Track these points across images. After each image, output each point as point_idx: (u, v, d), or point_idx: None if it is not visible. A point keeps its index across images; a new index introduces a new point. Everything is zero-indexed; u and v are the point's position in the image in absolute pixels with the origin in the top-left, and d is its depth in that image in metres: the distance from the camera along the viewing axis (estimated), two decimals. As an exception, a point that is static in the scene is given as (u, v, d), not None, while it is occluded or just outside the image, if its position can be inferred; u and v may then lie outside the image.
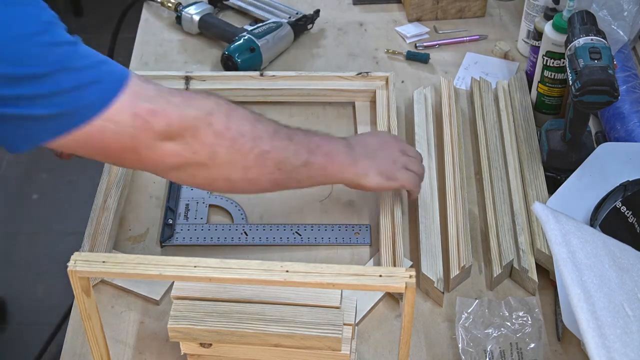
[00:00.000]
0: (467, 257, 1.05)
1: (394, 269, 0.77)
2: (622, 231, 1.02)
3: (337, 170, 1.01)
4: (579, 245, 0.84)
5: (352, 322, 0.91)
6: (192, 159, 0.89)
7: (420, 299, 1.04)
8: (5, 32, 0.76)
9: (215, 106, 0.90)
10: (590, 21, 1.10)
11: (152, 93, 0.85)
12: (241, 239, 1.11)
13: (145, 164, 0.89)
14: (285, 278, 0.77)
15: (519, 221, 1.09)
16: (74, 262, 0.78)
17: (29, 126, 0.80)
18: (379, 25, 1.53)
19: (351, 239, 1.12)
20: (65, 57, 0.80)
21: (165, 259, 0.79)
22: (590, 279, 0.80)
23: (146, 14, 1.56)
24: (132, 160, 0.88)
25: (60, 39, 0.80)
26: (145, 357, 0.98)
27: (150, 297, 1.03)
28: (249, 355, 0.91)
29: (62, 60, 0.79)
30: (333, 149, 1.01)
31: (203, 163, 0.90)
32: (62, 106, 0.79)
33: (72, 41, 0.81)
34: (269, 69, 1.42)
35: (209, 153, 0.89)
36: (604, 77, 1.02)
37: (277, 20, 1.46)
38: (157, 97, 0.86)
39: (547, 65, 1.22)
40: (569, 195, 1.09)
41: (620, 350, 0.75)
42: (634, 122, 1.19)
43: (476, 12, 1.54)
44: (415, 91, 1.31)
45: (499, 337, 0.95)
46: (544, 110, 1.27)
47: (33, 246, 2.25)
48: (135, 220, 1.15)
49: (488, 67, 1.41)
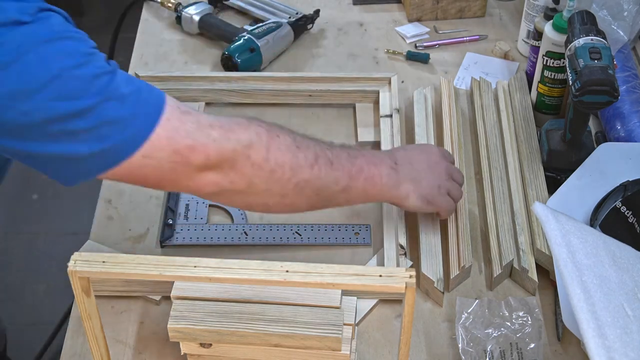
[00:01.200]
0: (467, 257, 1.05)
1: (394, 269, 0.77)
2: (622, 231, 1.02)
3: (378, 193, 1.01)
4: (579, 245, 0.84)
5: (352, 322, 0.91)
6: (230, 187, 0.89)
7: (420, 299, 1.04)
8: (46, 71, 0.75)
9: (255, 137, 0.89)
10: (590, 21, 1.10)
11: (190, 127, 0.85)
12: (241, 239, 1.11)
13: (184, 191, 0.90)
14: (285, 278, 0.77)
15: (519, 221, 1.09)
16: (74, 262, 0.78)
17: (74, 165, 0.81)
18: (379, 25, 1.53)
19: (351, 239, 1.12)
20: (105, 89, 0.79)
21: (165, 259, 0.79)
22: (590, 279, 0.80)
23: (146, 14, 1.56)
24: (171, 187, 0.89)
25: (100, 70, 0.79)
26: (145, 357, 0.98)
27: (150, 297, 1.03)
28: (249, 355, 0.91)
29: (103, 91, 0.79)
30: (376, 172, 0.99)
31: (240, 191, 0.90)
32: (105, 142, 0.80)
33: (111, 70, 0.81)
34: (269, 69, 1.42)
35: (246, 183, 0.90)
36: (604, 77, 1.02)
37: (277, 20, 1.46)
38: (196, 131, 0.85)
39: (547, 65, 1.22)
40: (569, 195, 1.09)
41: (620, 350, 0.75)
42: (634, 122, 1.19)
43: (476, 12, 1.54)
44: (415, 91, 1.31)
45: (499, 337, 0.95)
46: (544, 110, 1.27)
47: (33, 246, 2.25)
48: (135, 220, 1.15)
49: (488, 67, 1.41)
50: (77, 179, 0.84)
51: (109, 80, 0.80)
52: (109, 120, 0.79)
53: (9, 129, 0.77)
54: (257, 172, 0.89)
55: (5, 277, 2.15)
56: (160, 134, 0.82)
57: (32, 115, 0.76)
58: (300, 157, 0.92)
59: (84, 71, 0.78)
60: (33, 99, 0.75)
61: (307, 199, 0.95)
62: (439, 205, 1.05)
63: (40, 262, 2.20)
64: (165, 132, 0.82)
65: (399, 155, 1.05)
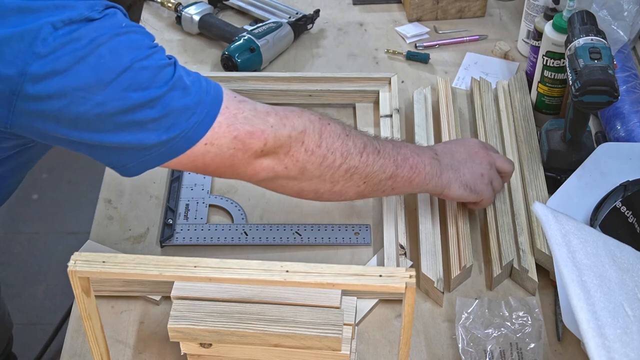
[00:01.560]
0: (467, 257, 1.05)
1: (394, 269, 0.77)
2: (622, 231, 1.02)
3: (422, 182, 1.02)
4: (579, 245, 0.84)
5: (352, 322, 0.91)
6: (283, 173, 0.93)
7: (420, 299, 1.04)
8: (119, 62, 0.79)
9: (309, 124, 0.93)
10: (590, 21, 1.10)
11: (248, 114, 0.88)
12: (241, 239, 1.11)
13: (240, 177, 0.93)
14: (285, 278, 0.77)
15: (519, 221, 1.09)
16: (74, 262, 0.78)
17: (143, 154, 0.84)
18: (379, 25, 1.53)
19: (351, 239, 1.12)
20: (170, 79, 0.83)
21: (165, 259, 0.79)
22: (590, 279, 0.80)
23: (146, 14, 1.56)
24: (229, 174, 0.91)
25: (164, 62, 0.83)
26: (145, 357, 0.98)
27: (150, 297, 1.03)
28: (249, 355, 0.91)
29: (168, 82, 0.83)
30: (419, 161, 1.02)
31: (294, 177, 0.94)
32: (172, 131, 0.83)
33: (173, 62, 0.85)
34: (269, 69, 1.42)
35: (299, 168, 0.93)
36: (604, 77, 1.02)
37: (277, 20, 1.46)
38: (254, 118, 0.89)
39: (547, 65, 1.22)
40: (569, 195, 1.09)
41: (620, 351, 0.75)
42: (634, 122, 1.19)
43: (476, 12, 1.54)
44: (415, 91, 1.31)
45: (499, 337, 0.95)
46: (544, 110, 1.27)
47: (33, 246, 2.25)
48: (135, 220, 1.15)
49: (488, 67, 1.41)
50: (141, 168, 0.86)
51: (172, 71, 0.84)
52: (175, 109, 0.83)
53: (81, 120, 0.80)
54: (310, 158, 0.92)
55: (5, 277, 2.15)
56: (221, 122, 0.86)
57: (105, 106, 0.79)
58: (350, 145, 0.95)
59: (151, 62, 0.82)
60: (107, 90, 0.79)
61: (356, 186, 0.98)
62: (481, 194, 1.06)
63: (40, 262, 2.20)
64: (225, 119, 0.86)
65: (438, 148, 1.08)
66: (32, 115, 0.79)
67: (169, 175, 1.21)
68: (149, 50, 0.82)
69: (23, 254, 2.23)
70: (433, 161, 1.03)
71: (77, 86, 0.78)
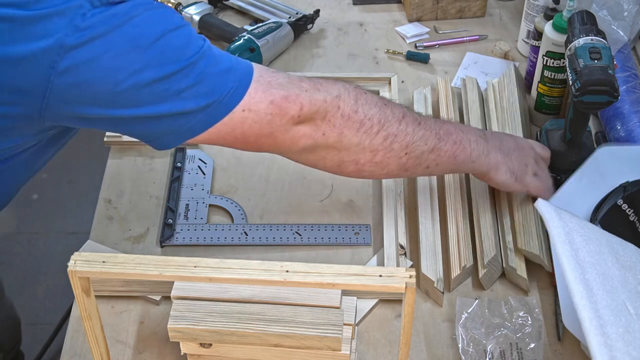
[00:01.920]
0: (467, 257, 1.05)
1: (394, 269, 0.77)
2: (623, 229, 1.02)
3: (468, 159, 1.01)
4: (582, 243, 0.83)
5: (352, 322, 0.91)
6: (322, 141, 0.93)
7: (420, 299, 1.04)
8: (152, 31, 0.82)
9: (344, 90, 0.94)
10: (590, 21, 1.10)
11: (282, 80, 0.91)
12: (241, 239, 1.11)
13: (280, 147, 0.94)
14: (285, 278, 0.77)
15: (506, 220, 1.08)
16: (74, 262, 0.78)
17: (182, 122, 0.86)
18: (379, 25, 1.53)
19: (351, 239, 1.12)
20: (201, 49, 0.86)
21: (165, 259, 0.79)
22: (593, 277, 0.80)
23: (146, 14, 1.56)
24: (268, 145, 0.93)
25: (194, 34, 0.87)
26: (145, 357, 0.98)
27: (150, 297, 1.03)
28: (249, 355, 0.91)
29: (199, 51, 0.86)
30: (464, 137, 1.00)
31: (332, 145, 0.94)
32: (209, 96, 0.86)
33: (202, 37, 0.89)
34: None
35: (337, 135, 0.93)
36: (604, 77, 1.02)
37: (277, 20, 1.46)
38: (289, 83, 0.91)
39: (547, 65, 1.22)
40: (568, 196, 1.09)
41: (622, 349, 0.75)
42: (634, 122, 1.19)
43: (476, 12, 1.54)
44: (415, 91, 1.31)
45: (499, 337, 0.95)
46: (544, 110, 1.27)
47: (33, 246, 2.25)
48: (135, 220, 1.15)
49: (488, 67, 1.41)
50: (178, 139, 0.88)
51: (202, 42, 0.87)
52: (209, 75, 0.86)
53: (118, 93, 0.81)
54: (347, 123, 0.93)
55: (5, 277, 2.14)
56: (257, 88, 0.88)
57: (141, 75, 0.81)
58: (387, 112, 0.96)
59: (183, 32, 0.85)
60: (142, 58, 0.81)
61: (397, 157, 0.97)
62: (527, 184, 1.05)
63: (40, 262, 2.20)
64: (260, 85, 0.89)
65: (486, 131, 1.07)
66: (68, 91, 0.80)
67: (169, 175, 1.21)
68: (179, 22, 0.85)
69: (23, 254, 2.23)
70: (480, 139, 1.02)
71: (113, 53, 0.80)
